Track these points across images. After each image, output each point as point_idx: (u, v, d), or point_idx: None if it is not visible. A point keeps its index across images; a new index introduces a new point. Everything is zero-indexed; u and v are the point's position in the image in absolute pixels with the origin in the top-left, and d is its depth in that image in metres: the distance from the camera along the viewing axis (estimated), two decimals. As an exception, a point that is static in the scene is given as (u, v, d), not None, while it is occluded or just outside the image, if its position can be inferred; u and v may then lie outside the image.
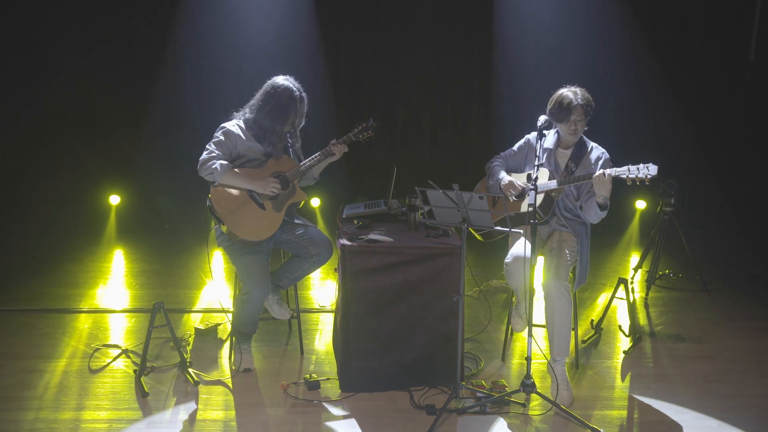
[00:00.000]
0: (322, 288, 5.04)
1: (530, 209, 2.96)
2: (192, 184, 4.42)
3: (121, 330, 4.18)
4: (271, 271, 3.66)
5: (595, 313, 4.63)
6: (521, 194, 3.46)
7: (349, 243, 3.28)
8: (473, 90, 7.34)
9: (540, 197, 3.30)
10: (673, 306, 4.87)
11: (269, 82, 3.50)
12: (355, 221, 3.73)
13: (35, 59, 6.82)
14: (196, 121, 6.59)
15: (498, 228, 3.02)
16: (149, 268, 5.56)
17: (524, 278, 3.13)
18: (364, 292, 3.25)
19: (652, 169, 3.05)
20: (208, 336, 4.06)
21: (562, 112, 3.31)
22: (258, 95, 3.50)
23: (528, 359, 3.13)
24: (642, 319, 4.58)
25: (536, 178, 3.04)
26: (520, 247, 3.30)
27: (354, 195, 7.23)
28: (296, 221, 3.62)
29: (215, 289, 4.92)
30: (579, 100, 3.28)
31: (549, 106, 3.38)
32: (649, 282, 5.09)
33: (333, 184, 7.03)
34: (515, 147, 3.66)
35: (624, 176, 3.10)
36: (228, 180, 3.36)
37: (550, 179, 3.38)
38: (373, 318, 3.27)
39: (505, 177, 3.50)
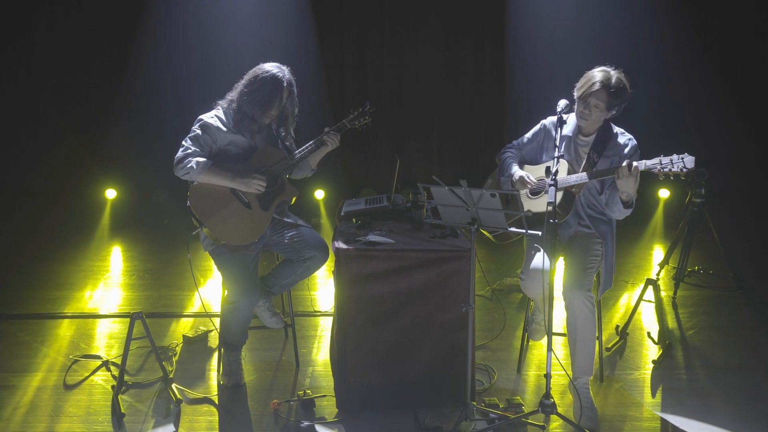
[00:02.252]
0: (322, 288, 4.69)
1: (549, 208, 2.57)
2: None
3: (105, 338, 3.88)
4: (262, 276, 3.32)
5: (618, 316, 4.26)
6: (536, 190, 3.07)
7: (344, 246, 2.93)
8: (483, 75, 6.92)
9: (559, 194, 2.90)
10: (704, 306, 4.47)
11: (260, 65, 3.15)
12: (354, 219, 3.38)
13: (27, 50, 6.55)
14: (196, 112, 6.29)
15: (513, 230, 2.64)
16: (143, 267, 5.26)
17: (543, 290, 2.75)
18: (362, 301, 2.90)
19: (688, 162, 2.65)
20: (196, 345, 3.74)
21: (582, 90, 2.91)
22: (245, 77, 3.15)
23: (547, 376, 2.76)
24: (671, 322, 4.20)
25: (556, 171, 2.65)
26: (538, 260, 2.92)
27: (360, 186, 6.87)
28: (287, 220, 3.27)
29: (206, 293, 4.61)
30: (606, 84, 2.85)
31: (578, 83, 2.98)
32: (678, 279, 4.69)
33: (338, 175, 6.70)
34: (529, 134, 3.26)
35: (655, 170, 2.71)
36: (207, 178, 3.02)
37: (569, 173, 2.98)
38: (372, 330, 2.92)
39: (517, 171, 3.11)
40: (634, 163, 2.72)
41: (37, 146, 6.75)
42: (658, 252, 5.80)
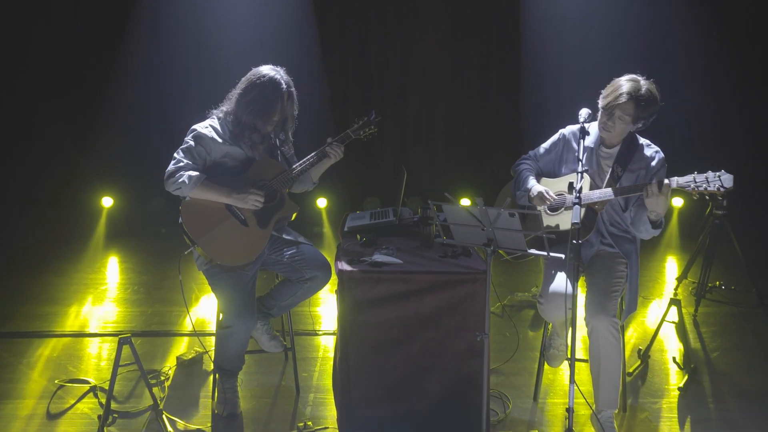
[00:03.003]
0: (324, 304, 4.47)
1: (574, 227, 2.34)
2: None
3: (95, 359, 3.66)
4: (260, 297, 3.10)
5: (636, 335, 4.02)
6: (555, 206, 2.84)
7: (349, 268, 2.70)
8: (491, 80, 6.69)
9: (581, 212, 2.67)
10: (728, 324, 4.23)
11: (252, 70, 2.93)
12: (358, 236, 3.15)
13: (23, 56, 6.36)
14: (194, 118, 6.09)
15: (533, 252, 2.41)
16: (138, 279, 5.04)
17: (566, 316, 2.53)
18: (368, 327, 2.67)
19: (726, 180, 2.42)
20: (191, 368, 3.52)
21: (607, 100, 2.68)
22: (238, 85, 2.93)
23: (570, 411, 2.52)
24: (693, 342, 3.96)
25: (580, 189, 2.42)
26: (558, 282, 2.69)
27: (363, 195, 6.66)
28: (287, 237, 3.05)
29: (203, 310, 4.39)
30: (633, 92, 2.62)
31: (603, 92, 2.76)
32: (699, 296, 4.45)
33: (341, 183, 6.48)
34: (547, 144, 3.03)
35: (689, 188, 2.48)
36: (200, 194, 2.80)
37: (591, 187, 2.75)
38: (378, 358, 2.69)
39: (535, 186, 2.87)
40: (666, 181, 2.49)
41: (32, 154, 6.55)
42: (671, 263, 5.57)
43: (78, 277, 5.05)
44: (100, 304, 4.52)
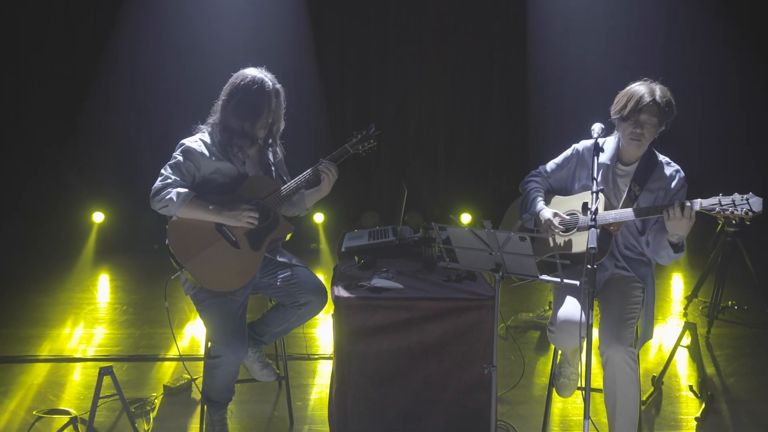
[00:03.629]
0: (319, 326, 4.27)
1: (590, 252, 2.16)
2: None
3: (78, 386, 3.46)
4: (251, 322, 2.92)
5: (647, 359, 3.83)
6: (567, 227, 2.67)
7: (345, 293, 2.52)
8: (493, 93, 6.55)
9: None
10: (742, 347, 4.06)
11: (235, 74, 2.78)
12: (356, 258, 2.98)
13: (14, 66, 6.21)
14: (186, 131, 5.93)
15: (545, 278, 2.23)
16: (128, 299, 4.86)
17: (579, 344, 2.35)
18: (366, 358, 2.49)
19: (754, 204, 2.24)
20: (178, 396, 3.33)
21: (628, 108, 2.51)
22: (222, 92, 2.77)
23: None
24: (708, 366, 3.77)
25: (595, 210, 2.24)
26: (570, 308, 2.51)
27: (361, 209, 6.49)
28: (280, 260, 2.87)
29: (196, 331, 4.20)
30: (655, 96, 2.48)
31: (614, 104, 2.59)
32: (711, 317, 4.28)
33: (338, 196, 6.29)
34: (559, 159, 2.85)
35: (713, 212, 2.31)
36: (188, 213, 2.63)
37: (606, 207, 2.58)
38: (377, 391, 2.51)
39: (544, 211, 2.68)
40: (687, 203, 2.32)
41: (21, 167, 6.38)
42: (678, 281, 5.39)
43: (64, 297, 4.86)
44: (86, 326, 4.33)
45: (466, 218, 6.41)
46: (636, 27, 6.11)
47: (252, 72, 2.76)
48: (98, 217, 6.42)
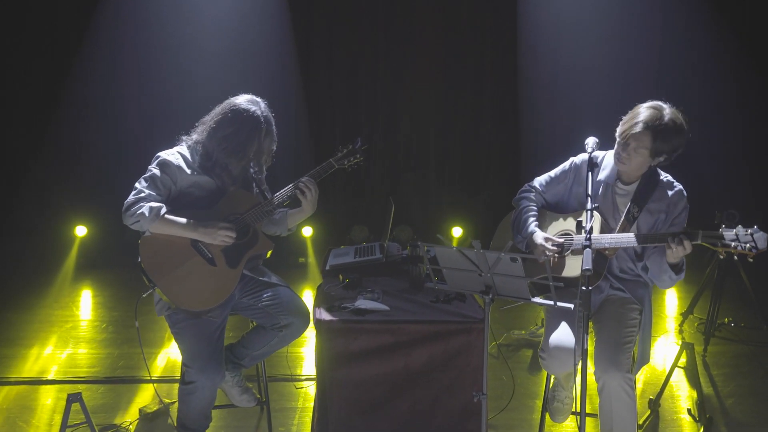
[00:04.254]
0: (304, 345, 4.13)
1: (585, 273, 2.04)
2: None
3: (49, 412, 3.30)
4: (230, 345, 2.78)
5: (641, 379, 3.71)
6: (561, 250, 2.53)
7: (327, 316, 2.39)
8: (485, 105, 6.47)
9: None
10: (741, 365, 3.95)
11: (229, 101, 2.63)
12: (341, 276, 2.85)
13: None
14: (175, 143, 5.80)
15: (538, 301, 2.11)
16: (108, 316, 4.70)
17: (573, 369, 2.22)
18: (349, 385, 2.36)
19: (759, 239, 2.11)
20: (155, 421, 3.17)
21: (623, 127, 2.39)
22: (212, 115, 2.64)
23: (580, 481, 2.20)
24: (705, 386, 3.66)
25: (590, 229, 2.12)
26: (562, 334, 2.38)
27: (351, 222, 6.36)
28: (261, 279, 2.74)
29: (173, 354, 4.04)
30: (651, 121, 2.32)
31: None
32: (708, 334, 4.17)
33: (328, 210, 6.18)
34: (555, 173, 2.68)
35: (716, 246, 2.19)
36: (162, 228, 2.50)
37: (602, 228, 2.45)
38: (361, 419, 2.37)
39: (536, 235, 2.53)
40: (687, 240, 2.21)
41: (8, 181, 6.23)
42: (672, 296, 5.27)
43: (42, 314, 4.70)
44: (63, 345, 4.17)
45: (457, 231, 6.30)
46: (629, 36, 6.03)
47: (248, 106, 2.58)
48: (81, 230, 6.25)
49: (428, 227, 6.28)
